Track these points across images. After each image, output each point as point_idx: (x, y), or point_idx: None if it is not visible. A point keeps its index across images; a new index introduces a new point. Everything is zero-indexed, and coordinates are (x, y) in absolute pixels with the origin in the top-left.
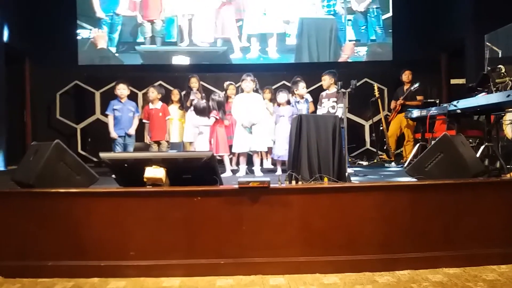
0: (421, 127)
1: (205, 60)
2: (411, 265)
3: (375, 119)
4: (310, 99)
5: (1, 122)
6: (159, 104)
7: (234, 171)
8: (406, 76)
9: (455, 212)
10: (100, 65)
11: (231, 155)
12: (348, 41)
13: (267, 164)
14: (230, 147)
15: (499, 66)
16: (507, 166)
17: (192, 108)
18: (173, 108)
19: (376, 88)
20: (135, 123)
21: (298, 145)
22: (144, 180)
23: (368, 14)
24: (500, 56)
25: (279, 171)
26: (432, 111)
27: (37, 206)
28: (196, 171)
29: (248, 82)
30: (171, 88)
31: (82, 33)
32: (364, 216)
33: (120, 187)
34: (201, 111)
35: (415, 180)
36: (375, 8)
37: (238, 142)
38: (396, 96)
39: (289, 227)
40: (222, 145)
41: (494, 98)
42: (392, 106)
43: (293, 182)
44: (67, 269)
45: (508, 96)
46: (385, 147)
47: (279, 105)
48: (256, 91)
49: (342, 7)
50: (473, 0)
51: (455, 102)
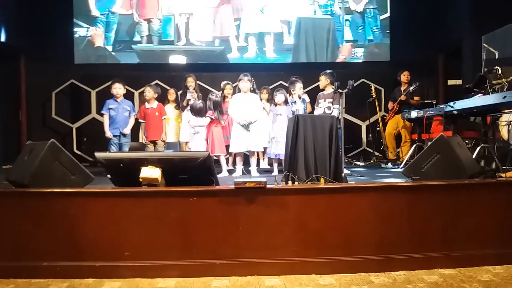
0: (417, 128)
1: (202, 59)
2: (407, 266)
3: (372, 119)
4: (307, 99)
5: None
6: (155, 104)
7: (230, 171)
8: (405, 76)
9: (451, 213)
10: (96, 64)
11: (228, 155)
12: (345, 42)
13: (264, 165)
14: (227, 147)
15: (496, 67)
16: (503, 167)
17: (188, 108)
18: (169, 108)
19: (373, 88)
20: (131, 122)
21: (295, 146)
22: (140, 180)
23: (366, 15)
24: (497, 57)
25: (275, 171)
26: (429, 112)
27: (32, 206)
28: (192, 171)
29: (245, 82)
30: (168, 88)
31: (79, 31)
32: (360, 217)
33: (115, 187)
34: (198, 111)
35: (412, 180)
36: (373, 8)
37: (234, 142)
38: (394, 96)
39: (285, 228)
40: (218, 145)
41: (491, 99)
42: (389, 107)
43: (290, 183)
44: (62, 269)
45: (505, 97)
46: (381, 148)
47: (276, 104)
48: (253, 91)
49: (340, 7)
50: (471, 1)
51: (451, 103)
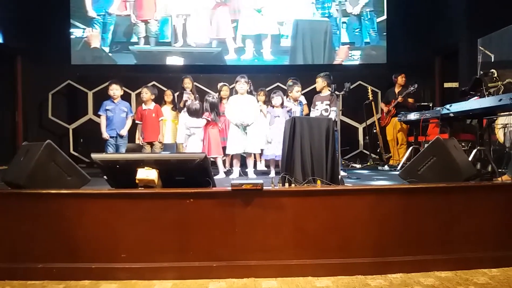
0: (414, 131)
1: (199, 61)
2: (403, 269)
3: (369, 121)
4: (304, 101)
5: None
6: (152, 105)
7: (227, 173)
8: (403, 79)
9: (447, 216)
10: (93, 64)
11: (225, 157)
12: (342, 44)
13: (261, 166)
14: (224, 148)
15: (492, 70)
16: (499, 170)
17: (185, 109)
18: (166, 109)
19: (370, 91)
20: (128, 123)
21: (292, 148)
22: (136, 181)
23: (362, 17)
24: (493, 60)
25: (272, 173)
26: (425, 114)
27: (28, 207)
28: (189, 173)
29: (242, 84)
30: (165, 89)
31: (76, 32)
32: (357, 219)
33: (112, 189)
34: (194, 112)
35: (408, 183)
36: (369, 11)
37: (231, 144)
38: (387, 99)
39: (282, 230)
40: (214, 147)
41: (486, 102)
42: (385, 110)
43: (286, 185)
44: (58, 271)
45: (500, 100)
46: (378, 150)
47: (273, 106)
48: (250, 92)
49: (337, 10)
50: (467, 4)
51: (448, 106)
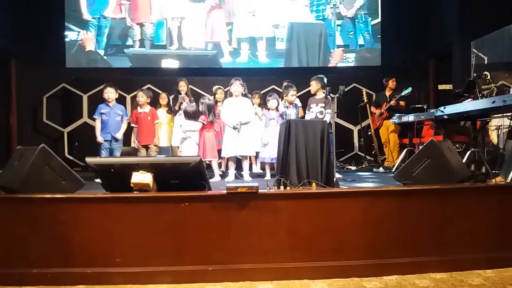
0: (409, 132)
1: (195, 63)
2: (398, 270)
3: (364, 123)
4: (299, 104)
5: None
6: (147, 108)
7: (223, 175)
8: (393, 83)
9: (442, 217)
10: (88, 68)
11: (220, 160)
12: (337, 47)
13: (256, 169)
14: (219, 151)
15: (485, 72)
16: (493, 171)
17: (180, 112)
18: (161, 112)
19: (364, 93)
20: (123, 127)
21: (287, 150)
22: (131, 185)
23: (357, 20)
24: (486, 62)
25: (268, 176)
26: (420, 116)
27: (22, 212)
28: (184, 176)
29: (236, 86)
30: (160, 92)
31: (70, 35)
32: (352, 222)
33: (106, 193)
34: (191, 115)
35: (403, 185)
36: (364, 14)
37: (227, 147)
38: (377, 102)
39: (278, 233)
40: (209, 150)
41: (480, 104)
42: (377, 113)
43: (282, 187)
44: (53, 276)
45: (494, 102)
46: (373, 152)
47: (268, 109)
48: (245, 95)
49: (332, 13)
50: (460, 7)
51: (442, 108)
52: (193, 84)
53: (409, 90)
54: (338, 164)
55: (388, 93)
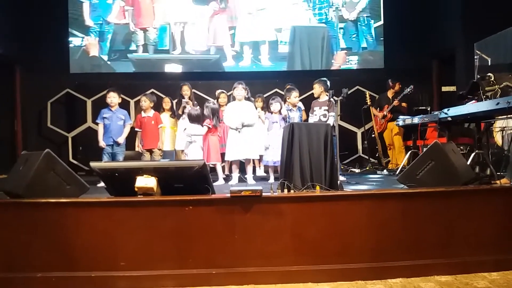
0: (412, 135)
1: (198, 68)
2: (403, 273)
3: (367, 126)
4: (303, 107)
5: None
6: (151, 112)
7: (226, 179)
8: (399, 86)
9: (446, 220)
10: (92, 73)
11: (224, 163)
12: (340, 50)
13: (260, 172)
14: (223, 155)
15: (489, 74)
16: (497, 173)
17: (184, 116)
18: (165, 116)
19: (368, 95)
20: (126, 131)
21: (290, 154)
22: (135, 189)
23: (359, 23)
24: (489, 64)
25: (271, 179)
26: (423, 118)
27: (27, 216)
28: (188, 180)
29: (239, 90)
30: (163, 96)
31: (74, 41)
32: (356, 224)
33: (110, 197)
34: (195, 119)
35: (407, 187)
36: (366, 16)
37: (230, 150)
38: (379, 104)
39: (282, 236)
40: (214, 154)
41: (484, 106)
42: (380, 115)
43: (285, 191)
44: (57, 280)
45: (498, 104)
46: (376, 155)
47: (271, 112)
48: (247, 99)
49: (334, 15)
50: (463, 9)
51: (445, 110)
52: (197, 88)
53: (411, 87)
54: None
55: (391, 95)
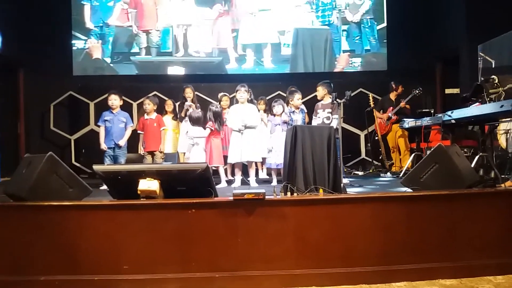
0: (416, 137)
1: (201, 70)
2: (407, 277)
3: (370, 128)
4: (305, 109)
5: None
6: (154, 115)
7: (229, 181)
8: (402, 89)
9: (451, 223)
10: (94, 75)
11: (226, 166)
12: (343, 52)
13: (263, 175)
14: (225, 157)
15: (493, 76)
16: (502, 176)
17: (186, 118)
18: (167, 119)
19: (371, 98)
20: (127, 134)
21: (293, 156)
22: (138, 192)
23: (362, 25)
24: (493, 66)
25: (274, 182)
26: (427, 121)
27: (30, 219)
28: (190, 183)
29: (242, 93)
30: (166, 98)
31: (77, 44)
32: (360, 228)
33: (113, 200)
34: (196, 120)
35: (411, 190)
36: (369, 18)
37: (233, 153)
38: (382, 106)
39: (285, 239)
40: (216, 157)
41: (488, 108)
42: (384, 117)
43: (288, 194)
44: (60, 283)
45: (502, 106)
46: (380, 157)
47: (274, 115)
48: (250, 101)
49: (337, 18)
50: (467, 10)
51: (449, 112)
52: (199, 90)
53: (419, 89)
54: (345, 170)
55: (393, 97)
